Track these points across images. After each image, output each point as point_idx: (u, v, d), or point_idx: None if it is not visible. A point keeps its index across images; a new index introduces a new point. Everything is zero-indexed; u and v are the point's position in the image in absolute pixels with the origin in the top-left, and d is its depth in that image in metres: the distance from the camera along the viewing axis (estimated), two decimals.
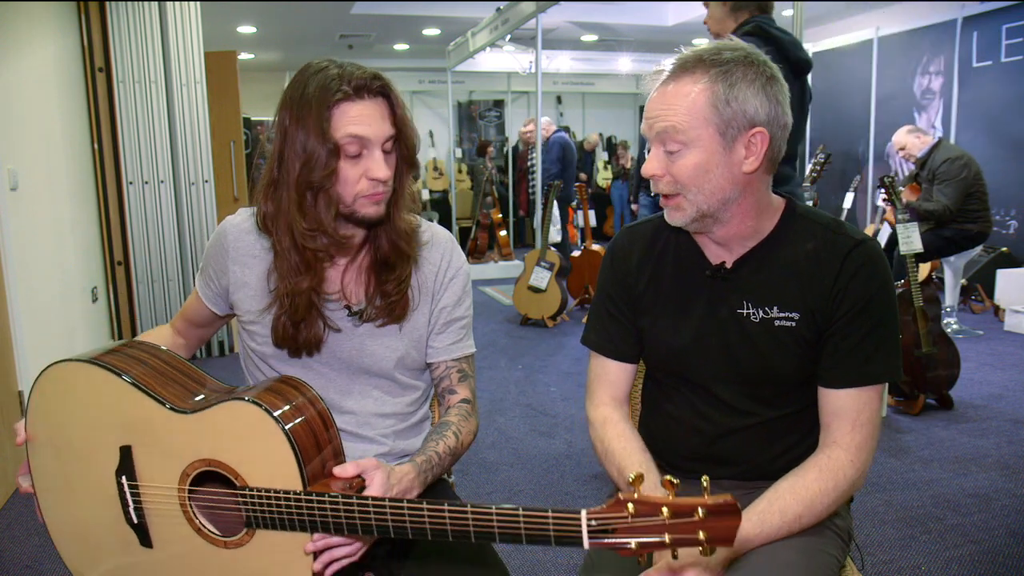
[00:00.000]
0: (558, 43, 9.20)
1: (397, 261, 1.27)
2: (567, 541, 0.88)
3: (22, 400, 3.01)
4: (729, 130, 1.10)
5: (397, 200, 1.25)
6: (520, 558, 2.34)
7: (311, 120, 1.14)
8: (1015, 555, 2.29)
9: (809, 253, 1.18)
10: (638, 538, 0.84)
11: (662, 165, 1.14)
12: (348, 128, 1.15)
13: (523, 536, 0.91)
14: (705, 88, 1.09)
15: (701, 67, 1.10)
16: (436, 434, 1.26)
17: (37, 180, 3.45)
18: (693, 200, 1.14)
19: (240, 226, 1.31)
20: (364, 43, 9.08)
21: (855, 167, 7.29)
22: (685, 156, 1.11)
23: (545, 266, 5.40)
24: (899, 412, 3.49)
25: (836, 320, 1.16)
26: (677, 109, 1.10)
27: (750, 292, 1.20)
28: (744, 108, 1.09)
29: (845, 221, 1.22)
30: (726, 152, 1.11)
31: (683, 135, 1.10)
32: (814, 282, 1.17)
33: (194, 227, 4.62)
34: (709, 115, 1.09)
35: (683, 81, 1.11)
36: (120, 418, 1.13)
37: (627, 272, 1.30)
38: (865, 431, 1.15)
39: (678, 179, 1.13)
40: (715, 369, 1.23)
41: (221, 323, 1.44)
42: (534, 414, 3.67)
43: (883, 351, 1.15)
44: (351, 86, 1.14)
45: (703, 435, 1.27)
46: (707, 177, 1.12)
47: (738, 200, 1.15)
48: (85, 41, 4.37)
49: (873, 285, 1.15)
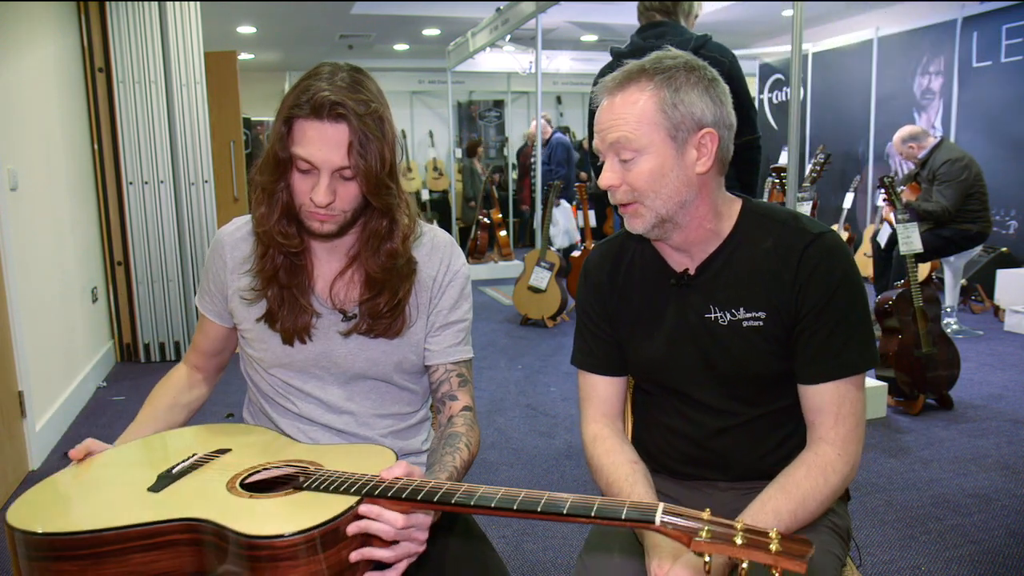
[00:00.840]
0: (558, 43, 9.20)
1: (385, 284, 1.26)
2: (638, 519, 0.85)
3: (22, 400, 3.01)
4: (679, 133, 1.12)
5: (370, 225, 1.24)
6: (520, 558, 2.35)
7: (277, 126, 1.16)
8: (1015, 555, 2.29)
9: (768, 251, 1.19)
10: (709, 526, 0.82)
11: (618, 175, 1.15)
12: (297, 148, 1.14)
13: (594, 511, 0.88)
14: (651, 95, 1.12)
15: (645, 76, 1.13)
16: (449, 446, 1.23)
17: (37, 180, 3.45)
18: (651, 206, 1.15)
19: (234, 235, 1.33)
20: (364, 43, 9.08)
21: (855, 167, 7.29)
22: (639, 163, 1.13)
23: (545, 266, 5.40)
24: (899, 412, 3.49)
25: (803, 316, 1.16)
26: (627, 118, 1.12)
27: (715, 296, 1.21)
28: (691, 111, 1.12)
29: (802, 214, 1.23)
30: (679, 155, 1.13)
31: (635, 143, 1.12)
32: (775, 280, 1.17)
33: (194, 227, 4.62)
34: (658, 120, 1.12)
35: (629, 91, 1.13)
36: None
37: (600, 288, 1.32)
38: (849, 423, 1.15)
39: (635, 186, 1.14)
40: (693, 374, 1.24)
41: (234, 341, 1.43)
42: (534, 414, 3.67)
43: (854, 341, 1.16)
44: (311, 106, 1.12)
45: (692, 439, 1.28)
46: (663, 181, 1.14)
47: (695, 202, 1.17)
48: (85, 41, 4.37)
49: (834, 278, 1.15)
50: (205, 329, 1.41)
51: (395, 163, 1.20)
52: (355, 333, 1.27)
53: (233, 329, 1.38)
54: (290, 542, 0.89)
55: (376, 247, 1.24)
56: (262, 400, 1.36)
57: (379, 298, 1.26)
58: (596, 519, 0.87)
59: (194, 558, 0.97)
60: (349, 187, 1.18)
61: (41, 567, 0.96)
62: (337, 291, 1.28)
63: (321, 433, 1.32)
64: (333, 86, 1.13)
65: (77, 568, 0.95)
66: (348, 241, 1.27)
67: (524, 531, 2.50)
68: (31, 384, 3.09)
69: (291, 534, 0.89)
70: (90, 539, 0.95)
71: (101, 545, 0.95)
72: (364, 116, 1.14)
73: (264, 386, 1.34)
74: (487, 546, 1.28)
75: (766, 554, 0.78)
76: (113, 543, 0.95)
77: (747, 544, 0.78)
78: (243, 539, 0.90)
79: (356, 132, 1.13)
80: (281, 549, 0.89)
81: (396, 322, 1.27)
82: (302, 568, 0.90)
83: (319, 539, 0.91)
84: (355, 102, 1.13)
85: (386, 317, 1.26)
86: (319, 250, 1.29)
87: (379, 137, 1.15)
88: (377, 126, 1.15)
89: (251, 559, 0.90)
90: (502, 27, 6.38)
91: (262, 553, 0.90)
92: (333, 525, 0.93)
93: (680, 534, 0.82)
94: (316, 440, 1.32)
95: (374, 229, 1.24)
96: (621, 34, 8.64)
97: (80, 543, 0.95)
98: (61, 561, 0.95)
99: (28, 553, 0.97)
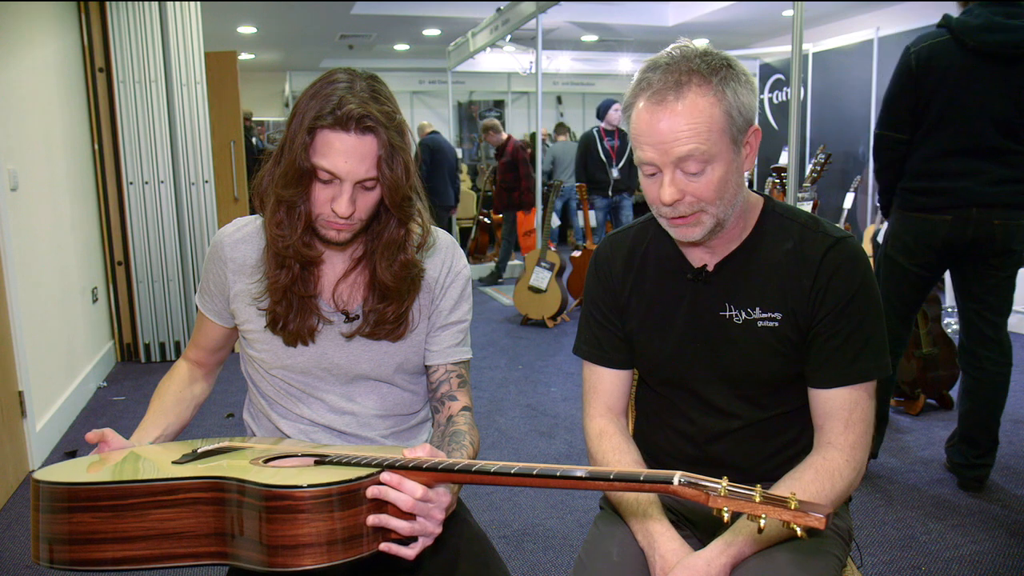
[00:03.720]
0: (558, 43, 9.20)
1: (395, 293, 1.25)
2: (656, 480, 0.85)
3: (22, 400, 3.01)
4: (740, 136, 1.09)
5: (385, 234, 1.23)
6: (520, 558, 2.35)
7: (299, 137, 1.13)
8: (1015, 555, 2.29)
9: (788, 253, 1.17)
10: (729, 486, 0.81)
11: (682, 188, 1.08)
12: (322, 159, 1.13)
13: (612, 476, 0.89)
14: (716, 100, 1.05)
15: (699, 78, 1.05)
16: (455, 442, 1.23)
17: (37, 180, 3.45)
18: (714, 213, 1.11)
19: (234, 235, 1.32)
20: (364, 43, 9.08)
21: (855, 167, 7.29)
22: (708, 173, 1.07)
23: (545, 266, 5.40)
24: (899, 412, 3.49)
25: (819, 321, 1.15)
26: (696, 128, 1.04)
27: (732, 294, 1.20)
28: (747, 110, 1.09)
29: (823, 218, 1.22)
30: (736, 158, 1.10)
31: (707, 153, 1.05)
32: (794, 283, 1.16)
33: (194, 227, 4.62)
34: (725, 126, 1.06)
35: (689, 97, 1.05)
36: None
37: (611, 280, 1.30)
38: (858, 429, 1.15)
39: (701, 196, 1.09)
40: (702, 372, 1.23)
41: (234, 339, 1.43)
42: (534, 414, 3.67)
43: (869, 348, 1.15)
44: (336, 117, 1.10)
45: (695, 439, 1.27)
46: (727, 187, 1.09)
47: (741, 202, 1.16)
48: (85, 41, 4.37)
49: (853, 283, 1.15)
50: (205, 328, 1.41)
51: (416, 173, 1.20)
52: (358, 335, 1.28)
53: (233, 328, 1.38)
54: (308, 493, 0.90)
55: (392, 257, 1.24)
56: (263, 401, 1.36)
57: (387, 307, 1.25)
58: (615, 482, 0.87)
59: (212, 519, 0.96)
60: (369, 197, 1.17)
61: (61, 519, 0.96)
62: (341, 292, 1.28)
63: (322, 434, 1.32)
64: (357, 96, 1.12)
65: (96, 520, 0.95)
66: (353, 243, 1.27)
67: (524, 531, 2.50)
68: (31, 384, 3.09)
69: (309, 486, 0.90)
70: (114, 490, 0.96)
71: (123, 497, 0.95)
72: (390, 128, 1.13)
73: (265, 387, 1.34)
74: (487, 546, 1.28)
75: (785, 510, 0.77)
76: (135, 496, 0.95)
77: (766, 501, 0.78)
78: (263, 489, 0.90)
79: (384, 144, 1.13)
80: (299, 500, 0.89)
81: (400, 327, 1.28)
82: (317, 523, 0.90)
83: (337, 496, 0.91)
84: (381, 113, 1.12)
85: (390, 323, 1.26)
86: (326, 254, 1.29)
87: (403, 148, 1.15)
88: (401, 137, 1.15)
89: (268, 510, 0.90)
90: (502, 27, 6.38)
91: (280, 504, 0.90)
92: (353, 486, 0.93)
93: (698, 492, 0.82)
94: (317, 441, 1.32)
95: (391, 238, 1.23)
96: (621, 34, 8.65)
97: (103, 494, 0.96)
98: (80, 512, 0.95)
99: (50, 505, 0.97)
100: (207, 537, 0.96)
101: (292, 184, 1.15)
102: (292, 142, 1.14)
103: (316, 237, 1.22)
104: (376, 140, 1.12)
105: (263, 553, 0.90)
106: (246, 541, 0.92)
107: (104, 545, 0.95)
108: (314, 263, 1.25)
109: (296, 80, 10.58)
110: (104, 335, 4.51)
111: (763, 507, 0.78)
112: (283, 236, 1.20)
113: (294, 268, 1.23)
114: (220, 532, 0.96)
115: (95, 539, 0.95)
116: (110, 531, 0.95)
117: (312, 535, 0.90)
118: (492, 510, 2.66)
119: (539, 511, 2.64)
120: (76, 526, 0.95)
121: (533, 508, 2.66)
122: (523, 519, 2.59)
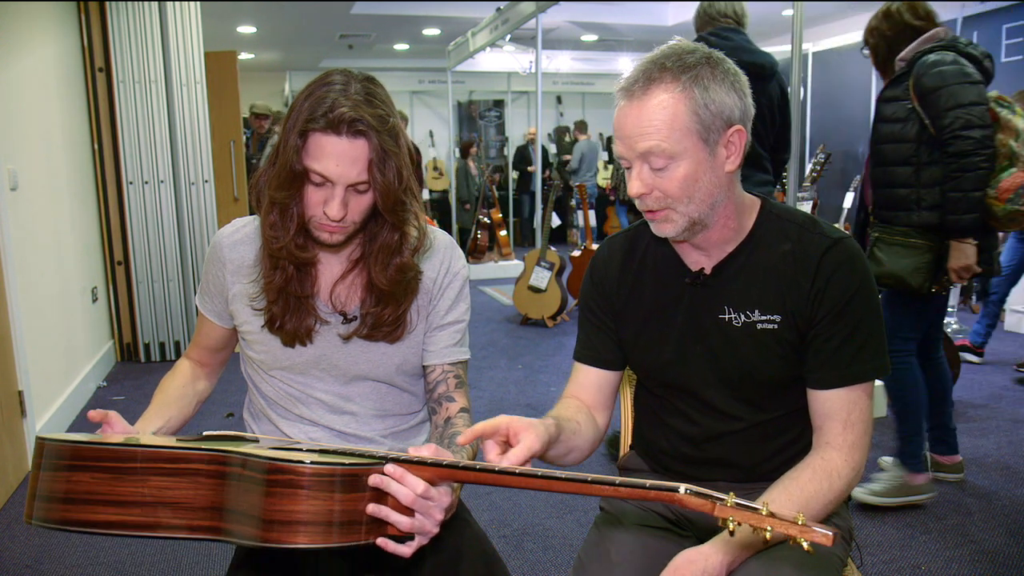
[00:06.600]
0: (558, 43, 9.19)
1: (391, 296, 1.25)
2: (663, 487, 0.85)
3: (22, 400, 3.01)
4: (711, 135, 1.09)
5: (379, 238, 1.23)
6: (520, 558, 2.35)
7: (292, 138, 1.13)
8: (1015, 555, 2.29)
9: (786, 254, 1.17)
10: (736, 499, 0.81)
11: (648, 183, 1.11)
12: (313, 162, 1.12)
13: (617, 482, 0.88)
14: (681, 97, 1.06)
15: (668, 75, 1.07)
16: (454, 444, 1.22)
17: (37, 180, 3.45)
18: (684, 211, 1.12)
19: (232, 236, 1.32)
20: (364, 43, 9.08)
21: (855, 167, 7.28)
22: (672, 170, 1.08)
23: (545, 266, 5.40)
24: None
25: (817, 322, 1.15)
26: (657, 125, 1.07)
27: (730, 296, 1.20)
28: (721, 110, 1.08)
29: (821, 219, 1.22)
30: (711, 157, 1.10)
31: (668, 150, 1.07)
32: (792, 284, 1.16)
33: (194, 227, 4.62)
34: (690, 124, 1.07)
35: (654, 93, 1.07)
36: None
37: (607, 284, 1.30)
38: (857, 430, 1.15)
39: (667, 193, 1.10)
40: (701, 375, 1.23)
41: (236, 339, 1.43)
42: (534, 414, 3.63)
43: (868, 349, 1.15)
44: (328, 120, 1.10)
45: (693, 440, 1.27)
46: (696, 186, 1.10)
47: (723, 201, 1.15)
48: (85, 41, 4.37)
49: (852, 285, 1.14)
50: (206, 329, 1.41)
51: (410, 177, 1.19)
52: (355, 337, 1.28)
53: (233, 329, 1.38)
54: (311, 470, 0.89)
55: (386, 261, 1.24)
56: (263, 401, 1.36)
57: (384, 310, 1.25)
58: (620, 488, 0.86)
59: (210, 492, 0.95)
60: (361, 200, 1.17)
61: (61, 477, 0.96)
62: (338, 294, 1.28)
63: (322, 434, 1.32)
64: (350, 99, 1.11)
65: (94, 481, 0.95)
66: (350, 245, 1.27)
67: (524, 531, 2.50)
68: (31, 384, 3.09)
69: (312, 462, 0.90)
70: (118, 452, 0.96)
71: (125, 460, 0.95)
72: (383, 132, 1.12)
73: (265, 387, 1.34)
74: (488, 546, 1.28)
75: (791, 524, 0.77)
76: (138, 460, 0.95)
77: (772, 514, 0.78)
78: (266, 462, 0.90)
79: (375, 148, 1.12)
80: (300, 476, 0.89)
81: (398, 329, 1.27)
82: (316, 501, 0.89)
83: (339, 478, 0.91)
84: (373, 117, 1.12)
85: (388, 325, 1.26)
86: (322, 255, 1.29)
87: (396, 152, 1.15)
88: (394, 141, 1.15)
89: (269, 483, 0.89)
90: (502, 27, 6.38)
91: (281, 477, 0.89)
92: (356, 470, 0.93)
93: (703, 502, 0.81)
94: (317, 440, 1.32)
95: (385, 242, 1.23)
96: (621, 34, 8.65)
97: (106, 454, 0.95)
98: (80, 471, 0.95)
99: (52, 463, 0.97)
100: (203, 510, 0.95)
101: (285, 186, 1.16)
102: (285, 144, 1.14)
103: (310, 239, 1.22)
104: (368, 144, 1.12)
105: (258, 527, 0.89)
106: (242, 515, 0.92)
107: (98, 507, 0.95)
108: (308, 264, 1.25)
109: (296, 80, 10.55)
110: (104, 335, 4.51)
111: (769, 519, 0.78)
112: (276, 237, 1.20)
113: (288, 269, 1.23)
114: (216, 507, 0.95)
115: (91, 500, 0.95)
116: (107, 493, 0.95)
117: (310, 513, 0.89)
118: (492, 510, 2.66)
119: (539, 511, 2.64)
120: (74, 485, 0.95)
121: (533, 508, 2.66)
122: (523, 519, 2.59)
